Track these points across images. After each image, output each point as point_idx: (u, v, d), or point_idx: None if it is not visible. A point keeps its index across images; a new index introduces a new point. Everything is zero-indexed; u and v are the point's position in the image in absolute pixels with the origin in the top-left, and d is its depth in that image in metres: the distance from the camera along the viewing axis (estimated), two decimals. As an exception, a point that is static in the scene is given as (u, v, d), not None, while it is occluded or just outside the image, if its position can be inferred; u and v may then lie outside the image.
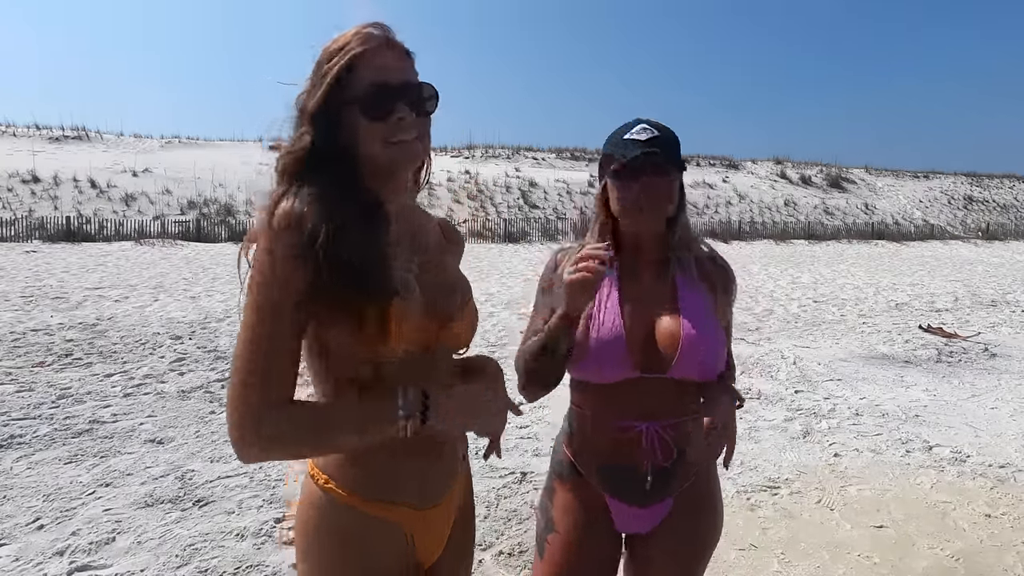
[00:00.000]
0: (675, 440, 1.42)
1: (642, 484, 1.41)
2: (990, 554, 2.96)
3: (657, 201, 1.40)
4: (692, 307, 1.42)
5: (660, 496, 1.43)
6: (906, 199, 42.36)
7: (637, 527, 1.47)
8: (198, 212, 26.07)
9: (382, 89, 1.07)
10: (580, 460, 1.48)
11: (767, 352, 7.16)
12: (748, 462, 4.03)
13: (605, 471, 1.44)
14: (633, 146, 1.39)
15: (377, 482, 1.12)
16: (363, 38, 1.08)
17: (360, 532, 1.11)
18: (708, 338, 1.40)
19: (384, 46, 1.09)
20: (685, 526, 1.46)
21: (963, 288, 13.54)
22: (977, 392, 5.75)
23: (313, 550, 1.13)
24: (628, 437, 1.41)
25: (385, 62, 1.08)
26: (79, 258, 16.10)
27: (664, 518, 1.45)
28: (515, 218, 29.58)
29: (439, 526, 1.21)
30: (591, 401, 1.46)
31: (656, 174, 1.39)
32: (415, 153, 1.12)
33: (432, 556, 1.21)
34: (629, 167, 1.39)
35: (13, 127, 34.59)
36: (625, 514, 1.45)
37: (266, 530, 3.08)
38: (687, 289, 1.44)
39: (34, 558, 2.79)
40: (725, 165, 43.11)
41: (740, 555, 2.93)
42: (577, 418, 1.51)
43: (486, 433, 1.20)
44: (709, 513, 1.50)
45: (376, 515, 1.11)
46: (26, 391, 5.15)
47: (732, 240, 28.90)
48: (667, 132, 1.43)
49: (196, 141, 38.26)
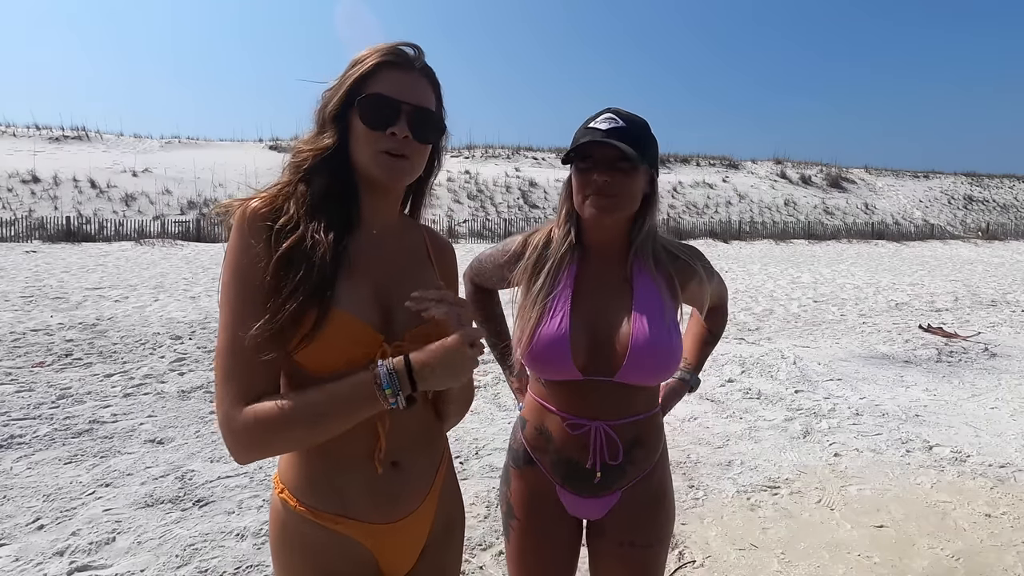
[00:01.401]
0: (624, 439, 1.41)
1: (591, 478, 1.41)
2: (990, 554, 2.96)
3: (611, 192, 1.34)
4: (646, 312, 1.37)
5: (608, 490, 1.43)
6: (906, 199, 42.36)
7: (588, 513, 1.48)
8: (198, 212, 26.08)
9: (384, 100, 1.08)
10: (534, 450, 1.48)
11: (767, 352, 7.16)
12: (748, 462, 4.03)
13: (557, 462, 1.44)
14: (592, 134, 1.35)
15: (325, 495, 1.11)
16: (391, 52, 1.10)
17: (313, 543, 1.11)
18: (659, 345, 1.35)
19: (407, 65, 1.11)
20: (636, 518, 1.46)
21: (963, 288, 13.54)
22: (977, 392, 5.74)
23: (276, 558, 1.15)
24: (577, 434, 1.41)
25: (400, 79, 1.10)
26: (79, 258, 16.09)
27: (613, 507, 1.45)
28: (515, 218, 29.60)
29: (404, 543, 1.18)
30: (544, 394, 1.47)
31: (612, 166, 1.34)
32: (400, 171, 1.11)
33: (399, 571, 1.19)
34: (579, 153, 1.36)
35: (13, 127, 34.57)
36: (574, 502, 1.46)
37: (266, 530, 3.08)
38: (643, 292, 1.40)
39: (34, 558, 2.79)
40: (725, 165, 43.13)
41: (740, 555, 2.93)
42: (532, 407, 1.51)
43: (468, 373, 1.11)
44: (659, 504, 1.49)
45: (328, 527, 1.11)
46: (26, 391, 5.15)
47: (732, 240, 28.90)
48: (636, 125, 1.37)
49: (196, 141, 38.26)
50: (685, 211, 34.79)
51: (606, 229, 1.43)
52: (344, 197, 1.11)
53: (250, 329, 0.99)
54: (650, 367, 1.36)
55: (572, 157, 1.38)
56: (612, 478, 1.42)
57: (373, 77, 1.09)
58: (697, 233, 29.85)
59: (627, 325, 1.36)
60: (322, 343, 1.03)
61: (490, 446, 4.23)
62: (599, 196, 1.35)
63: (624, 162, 1.33)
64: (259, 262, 1.02)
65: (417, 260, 1.24)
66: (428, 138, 1.14)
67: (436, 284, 1.23)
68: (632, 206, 1.39)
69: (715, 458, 4.04)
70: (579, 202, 1.39)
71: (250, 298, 1.01)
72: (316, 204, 1.07)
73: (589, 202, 1.36)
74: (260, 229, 1.03)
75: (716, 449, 4.18)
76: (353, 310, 1.06)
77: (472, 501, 3.37)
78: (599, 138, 1.33)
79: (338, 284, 1.05)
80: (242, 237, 1.03)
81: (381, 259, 1.16)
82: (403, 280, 1.16)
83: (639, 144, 1.34)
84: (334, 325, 1.03)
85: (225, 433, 1.01)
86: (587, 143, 1.34)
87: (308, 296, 1.01)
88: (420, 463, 1.19)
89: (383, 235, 1.18)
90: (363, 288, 1.10)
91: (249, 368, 1.00)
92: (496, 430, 4.54)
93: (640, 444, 1.43)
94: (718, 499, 3.48)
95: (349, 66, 1.11)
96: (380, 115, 1.08)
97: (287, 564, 1.14)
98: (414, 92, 1.10)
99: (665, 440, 1.54)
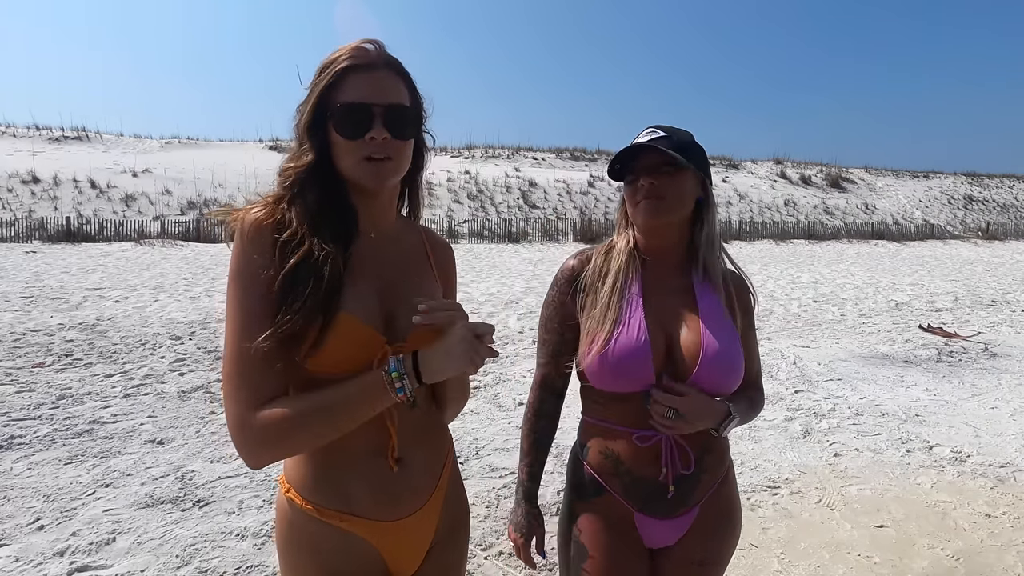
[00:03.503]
0: (693, 447, 1.38)
1: (664, 494, 1.37)
2: (990, 554, 2.96)
3: (659, 195, 1.37)
4: (711, 315, 1.40)
5: (685, 506, 1.40)
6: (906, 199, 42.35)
7: (664, 540, 1.42)
8: (198, 212, 26.06)
9: (355, 108, 1.07)
10: (603, 475, 1.42)
11: (767, 352, 7.16)
12: (748, 462, 4.03)
13: (629, 484, 1.39)
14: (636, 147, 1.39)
15: (330, 493, 1.12)
16: (352, 54, 1.08)
17: (320, 541, 1.12)
18: (728, 346, 1.37)
19: (371, 64, 1.09)
20: (709, 535, 1.42)
21: (963, 288, 13.53)
22: (977, 392, 5.75)
23: (283, 556, 1.16)
24: (647, 447, 1.37)
25: (367, 81, 1.08)
26: (79, 258, 16.09)
27: (689, 528, 1.41)
28: (515, 218, 29.58)
29: (411, 541, 1.19)
30: (608, 412, 1.42)
31: (658, 170, 1.37)
32: (386, 173, 1.11)
33: (407, 570, 1.20)
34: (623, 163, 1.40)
35: (13, 127, 34.55)
36: (652, 528, 1.41)
37: (266, 530, 3.08)
38: (706, 297, 1.42)
39: (34, 559, 2.80)
40: (725, 165, 43.10)
41: (740, 555, 2.93)
42: (593, 432, 1.45)
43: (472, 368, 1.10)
44: (732, 520, 1.47)
45: (333, 524, 1.11)
46: (26, 391, 5.15)
47: (732, 240, 28.90)
48: (678, 134, 1.40)
49: (196, 141, 38.24)
50: (685, 211, 34.82)
51: (662, 235, 1.43)
52: (339, 207, 1.12)
53: (256, 338, 1.00)
54: (719, 373, 1.36)
55: (618, 169, 1.42)
56: (687, 489, 1.38)
57: (339, 85, 1.08)
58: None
59: (697, 330, 1.37)
60: (329, 347, 1.04)
61: (490, 446, 4.23)
62: (648, 200, 1.37)
63: (667, 166, 1.36)
64: (263, 272, 1.03)
65: (416, 261, 1.25)
66: (407, 134, 1.13)
67: (436, 286, 1.24)
68: (682, 208, 1.40)
69: (715, 458, 4.04)
70: (632, 212, 1.42)
71: (255, 308, 1.02)
72: (315, 217, 1.08)
73: (640, 208, 1.39)
74: (263, 240, 1.05)
75: (716, 449, 4.18)
76: (358, 314, 1.07)
77: (472, 501, 3.37)
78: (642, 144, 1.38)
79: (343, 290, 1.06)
80: (244, 248, 1.05)
81: (381, 262, 1.16)
82: (404, 282, 1.17)
83: (682, 150, 1.37)
84: (340, 330, 1.04)
85: (238, 439, 1.02)
86: (628, 150, 1.38)
87: (315, 308, 1.02)
88: (424, 460, 1.20)
89: (381, 239, 1.18)
90: (366, 293, 1.11)
91: (257, 375, 1.02)
92: (496, 430, 4.54)
93: (710, 451, 1.41)
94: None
95: (315, 75, 1.10)
96: (354, 123, 1.07)
97: (294, 563, 1.14)
98: (383, 91, 1.09)
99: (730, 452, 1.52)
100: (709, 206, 1.44)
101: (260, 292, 1.03)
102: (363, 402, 1.03)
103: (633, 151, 1.39)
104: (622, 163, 1.42)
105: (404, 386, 1.02)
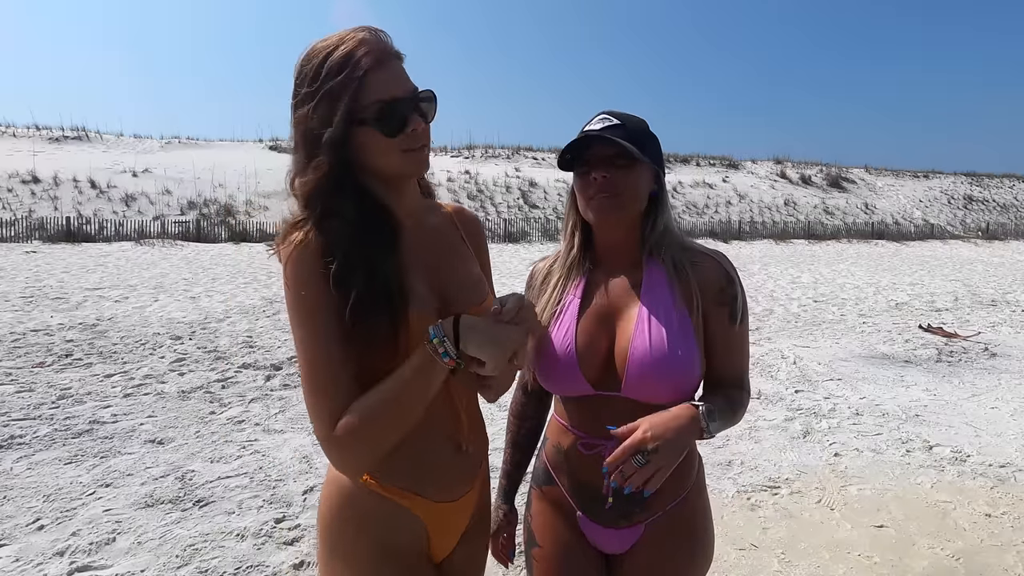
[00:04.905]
0: None
1: (604, 503, 1.30)
2: (990, 554, 2.96)
3: (612, 190, 1.27)
4: (654, 311, 1.27)
5: (628, 521, 1.32)
6: (906, 199, 42.34)
7: (610, 547, 1.37)
8: (198, 212, 26.05)
9: (395, 105, 1.06)
10: (554, 468, 1.40)
11: (767, 352, 7.16)
12: (748, 462, 4.03)
13: (575, 485, 1.36)
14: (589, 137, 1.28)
15: (402, 472, 1.14)
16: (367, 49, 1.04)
17: (376, 511, 1.14)
18: (666, 345, 1.23)
19: (386, 54, 1.08)
20: (665, 555, 1.32)
21: (963, 288, 13.53)
22: (977, 392, 5.75)
23: (329, 532, 1.17)
24: (591, 455, 1.31)
25: (390, 73, 1.07)
26: (79, 258, 16.09)
27: (635, 543, 1.34)
28: (515, 218, 29.56)
29: (454, 523, 1.23)
30: (563, 412, 1.39)
31: (611, 163, 1.27)
32: (426, 159, 1.13)
33: (444, 551, 1.23)
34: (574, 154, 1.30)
35: (13, 127, 34.52)
36: (595, 532, 1.36)
37: (266, 530, 3.08)
38: (652, 297, 1.29)
39: (34, 558, 2.80)
40: (725, 165, 43.09)
41: (740, 555, 2.93)
42: (553, 424, 1.44)
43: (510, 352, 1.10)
44: (692, 542, 1.35)
45: (394, 500, 1.14)
46: (26, 391, 5.15)
47: (732, 240, 28.90)
48: (632, 123, 1.30)
49: (196, 141, 38.21)
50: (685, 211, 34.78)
51: (615, 231, 1.34)
52: (374, 208, 1.11)
53: (332, 356, 1.03)
54: (652, 378, 1.23)
55: (568, 159, 1.31)
56: (628, 507, 1.30)
57: (365, 87, 1.04)
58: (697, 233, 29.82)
59: (629, 333, 1.27)
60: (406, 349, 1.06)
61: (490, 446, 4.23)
62: (601, 195, 1.27)
63: (622, 158, 1.26)
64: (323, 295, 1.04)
65: (451, 241, 1.27)
66: (432, 115, 1.13)
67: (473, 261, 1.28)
68: (636, 204, 1.31)
69: (715, 458, 4.04)
70: (583, 207, 1.32)
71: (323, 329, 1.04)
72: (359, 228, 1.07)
73: (592, 204, 1.29)
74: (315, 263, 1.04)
75: (716, 449, 4.18)
76: (424, 309, 1.11)
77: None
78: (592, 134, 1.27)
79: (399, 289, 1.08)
80: (299, 275, 1.04)
81: (422, 249, 1.18)
82: (446, 264, 1.21)
83: (636, 140, 1.27)
84: (414, 329, 1.07)
85: (331, 452, 1.04)
86: (581, 140, 1.28)
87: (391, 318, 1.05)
88: (477, 447, 1.26)
89: (416, 226, 1.19)
90: (418, 283, 1.13)
91: (335, 386, 1.04)
92: (496, 430, 4.53)
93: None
94: (718, 499, 3.48)
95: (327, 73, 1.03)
96: (396, 120, 1.06)
97: (340, 537, 1.15)
98: (405, 80, 1.10)
99: (701, 468, 1.40)
100: (662, 200, 1.34)
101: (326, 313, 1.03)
102: (418, 379, 1.04)
103: (587, 140, 1.28)
104: (573, 153, 1.30)
105: (448, 350, 1.02)
